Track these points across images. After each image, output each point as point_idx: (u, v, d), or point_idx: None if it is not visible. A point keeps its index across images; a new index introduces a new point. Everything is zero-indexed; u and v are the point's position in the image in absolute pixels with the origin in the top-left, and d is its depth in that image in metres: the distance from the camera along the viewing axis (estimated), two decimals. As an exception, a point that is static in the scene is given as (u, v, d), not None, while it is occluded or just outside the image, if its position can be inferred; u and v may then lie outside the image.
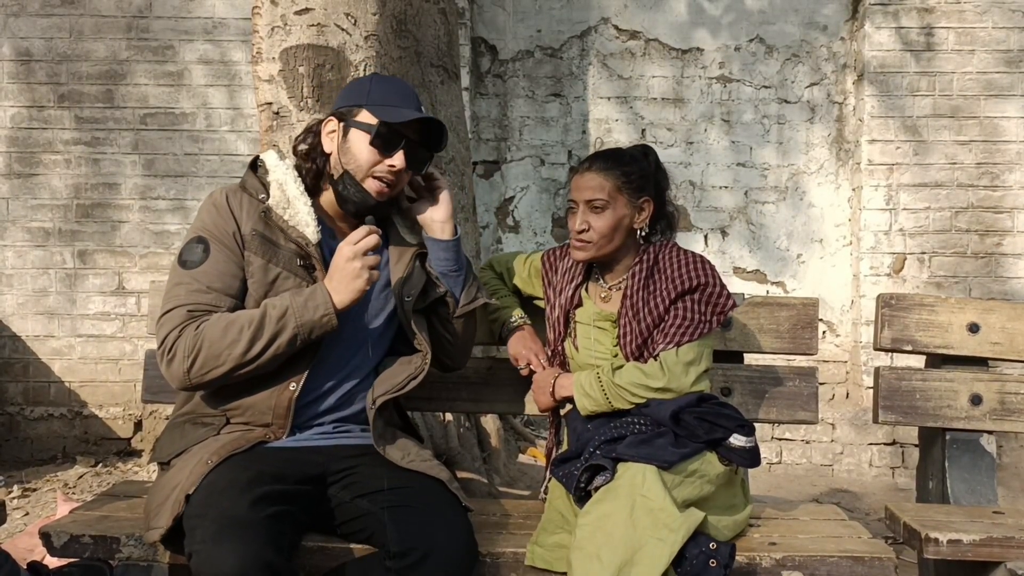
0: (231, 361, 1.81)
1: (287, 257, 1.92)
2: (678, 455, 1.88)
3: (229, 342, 1.80)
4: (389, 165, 1.93)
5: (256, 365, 1.83)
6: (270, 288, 1.90)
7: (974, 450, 2.40)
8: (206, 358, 1.81)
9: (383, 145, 1.92)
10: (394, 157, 1.92)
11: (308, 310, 1.82)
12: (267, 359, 1.83)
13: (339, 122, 1.98)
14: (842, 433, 4.93)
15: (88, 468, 4.63)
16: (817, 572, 1.88)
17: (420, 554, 1.71)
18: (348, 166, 1.94)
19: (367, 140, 1.92)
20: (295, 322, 1.82)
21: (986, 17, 5.04)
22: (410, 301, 1.99)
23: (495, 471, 3.54)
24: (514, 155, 5.47)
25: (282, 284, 1.91)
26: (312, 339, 1.85)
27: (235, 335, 1.81)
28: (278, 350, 1.83)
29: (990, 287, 5.06)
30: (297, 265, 1.92)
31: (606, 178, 2.10)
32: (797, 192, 5.37)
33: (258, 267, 1.90)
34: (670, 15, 5.39)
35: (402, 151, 1.92)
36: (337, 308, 1.84)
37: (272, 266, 1.91)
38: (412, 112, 1.94)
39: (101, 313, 5.05)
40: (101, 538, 1.87)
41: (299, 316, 1.82)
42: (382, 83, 2.03)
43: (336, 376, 1.98)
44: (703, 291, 2.07)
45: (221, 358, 1.81)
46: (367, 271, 1.83)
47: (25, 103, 5.03)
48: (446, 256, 2.03)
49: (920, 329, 2.40)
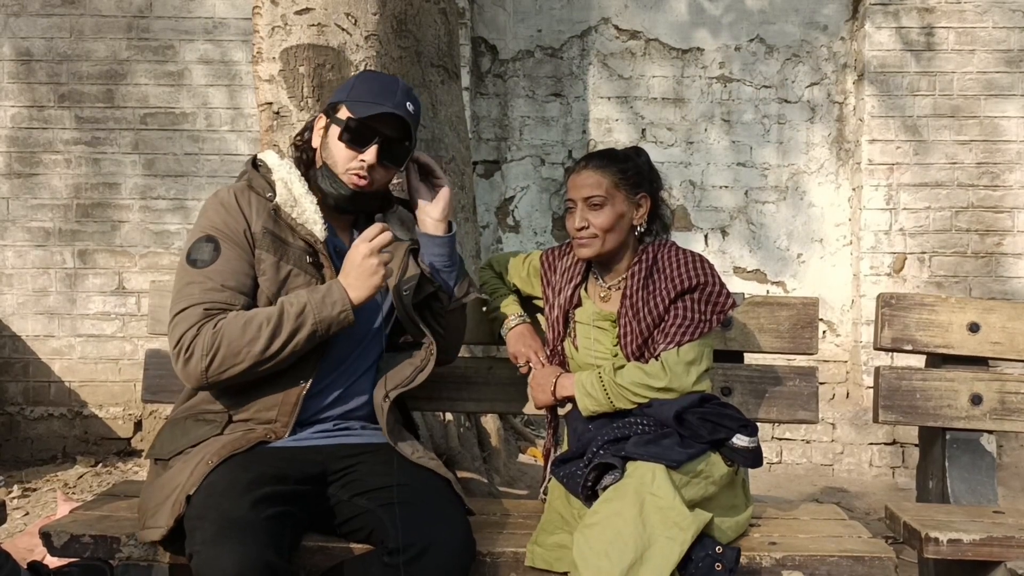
0: (250, 359, 1.82)
1: (297, 255, 1.94)
2: (685, 455, 1.88)
3: (248, 340, 1.82)
4: (360, 160, 1.94)
5: (275, 362, 1.85)
6: (282, 285, 1.92)
7: (974, 450, 2.40)
8: (225, 356, 1.82)
9: (352, 140, 1.94)
10: (366, 152, 1.94)
11: (326, 306, 1.85)
12: (286, 356, 1.85)
13: (325, 118, 2.00)
14: (842, 433, 4.94)
15: (88, 468, 4.63)
16: (817, 572, 1.88)
17: (418, 549, 1.72)
18: (327, 160, 1.97)
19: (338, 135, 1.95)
20: (314, 318, 1.84)
21: (986, 17, 5.04)
22: (408, 295, 2.01)
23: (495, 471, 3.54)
24: (514, 155, 5.47)
25: (293, 281, 1.93)
26: (330, 335, 1.88)
27: (254, 333, 1.82)
28: (297, 346, 1.85)
29: (990, 287, 5.05)
30: (307, 262, 1.95)
31: (603, 175, 2.10)
32: (797, 192, 5.37)
33: (270, 265, 1.92)
34: (670, 15, 5.39)
35: (375, 146, 1.93)
36: (354, 304, 1.86)
37: (283, 264, 1.93)
38: (385, 107, 1.94)
39: (101, 313, 5.05)
40: (101, 538, 1.88)
41: (318, 312, 1.84)
42: (366, 79, 2.04)
43: (337, 372, 1.99)
44: (703, 290, 2.07)
45: (240, 356, 1.82)
46: (382, 267, 1.87)
47: (25, 103, 5.03)
48: (440, 252, 2.05)
49: (920, 329, 2.40)
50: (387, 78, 2.10)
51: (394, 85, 2.01)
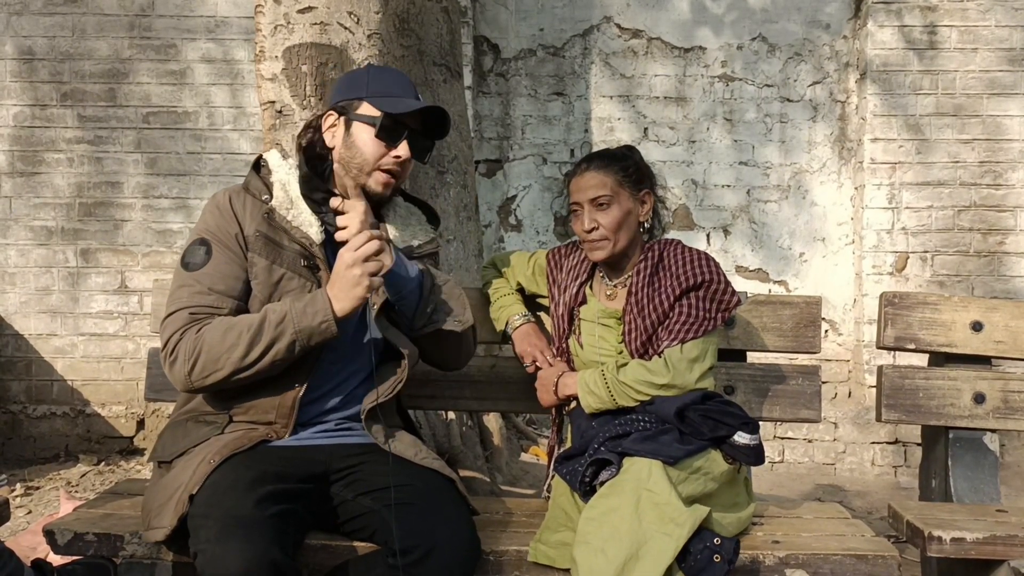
0: (230, 365, 1.80)
1: (291, 258, 1.91)
2: (683, 451, 1.88)
3: (228, 346, 1.79)
4: (395, 156, 1.92)
5: (255, 370, 1.81)
6: (275, 289, 1.89)
7: (977, 448, 2.40)
8: (205, 362, 1.80)
9: (388, 137, 1.91)
10: (399, 148, 1.92)
11: (307, 316, 1.80)
12: (265, 365, 1.81)
13: (340, 116, 1.96)
14: (844, 432, 4.93)
15: (91, 466, 4.64)
16: (820, 570, 1.88)
17: (423, 551, 1.71)
18: (353, 160, 1.93)
19: (372, 133, 1.91)
20: (294, 328, 1.80)
21: (989, 15, 5.03)
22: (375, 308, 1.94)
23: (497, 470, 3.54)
24: (516, 154, 5.46)
25: (287, 285, 1.90)
26: (312, 345, 1.83)
27: (234, 339, 1.79)
28: (276, 356, 1.81)
29: (993, 286, 5.05)
30: (301, 266, 1.91)
31: (606, 175, 2.11)
32: (799, 191, 5.37)
33: (262, 268, 1.89)
34: (672, 14, 5.38)
35: (406, 141, 1.92)
36: (337, 315, 1.81)
37: (276, 267, 1.90)
38: (414, 102, 1.93)
39: (104, 312, 5.05)
40: (105, 536, 1.88)
41: (298, 322, 1.80)
42: (380, 74, 2.01)
43: (340, 375, 1.97)
44: (708, 288, 2.07)
45: (220, 362, 1.80)
46: (367, 278, 1.80)
47: (28, 101, 5.03)
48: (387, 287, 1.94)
49: (923, 327, 2.40)
50: (395, 71, 2.09)
51: (404, 78, 2.01)
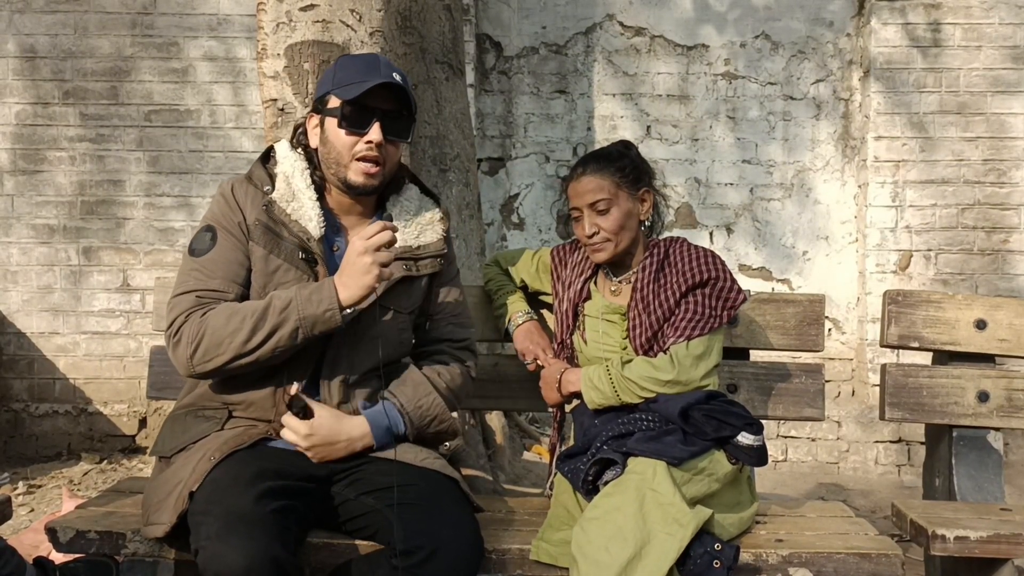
0: (231, 350, 1.79)
1: (289, 249, 1.90)
2: (688, 452, 1.88)
3: (231, 331, 1.79)
4: (366, 143, 1.88)
5: (256, 356, 1.80)
6: (270, 279, 1.88)
7: (981, 447, 2.39)
8: (208, 346, 1.79)
9: (352, 124, 1.88)
10: (370, 132, 1.88)
11: (312, 303, 1.79)
12: (267, 351, 1.80)
13: (316, 115, 1.96)
14: (848, 431, 4.93)
15: (93, 465, 4.64)
16: (824, 569, 1.87)
17: (427, 552, 1.70)
18: (330, 156, 1.91)
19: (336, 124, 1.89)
20: (297, 315, 1.78)
21: (993, 13, 5.02)
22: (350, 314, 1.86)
23: (500, 468, 3.54)
24: (519, 152, 5.46)
25: (283, 276, 1.88)
26: (315, 335, 1.81)
27: (237, 324, 1.79)
28: (279, 342, 1.79)
29: (997, 284, 5.04)
30: (299, 258, 1.89)
31: (603, 178, 2.10)
32: (803, 189, 5.35)
33: (260, 257, 1.89)
34: (675, 11, 5.37)
35: (377, 123, 1.88)
36: (343, 304, 1.79)
37: (273, 257, 1.89)
38: (370, 81, 1.86)
39: (106, 310, 5.05)
40: (107, 534, 1.87)
41: (302, 309, 1.79)
42: (347, 63, 1.97)
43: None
44: (713, 285, 2.07)
45: (222, 347, 1.79)
46: (377, 267, 1.78)
47: (30, 100, 5.03)
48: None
49: (927, 326, 2.39)
50: (367, 56, 2.02)
51: (375, 60, 1.95)
